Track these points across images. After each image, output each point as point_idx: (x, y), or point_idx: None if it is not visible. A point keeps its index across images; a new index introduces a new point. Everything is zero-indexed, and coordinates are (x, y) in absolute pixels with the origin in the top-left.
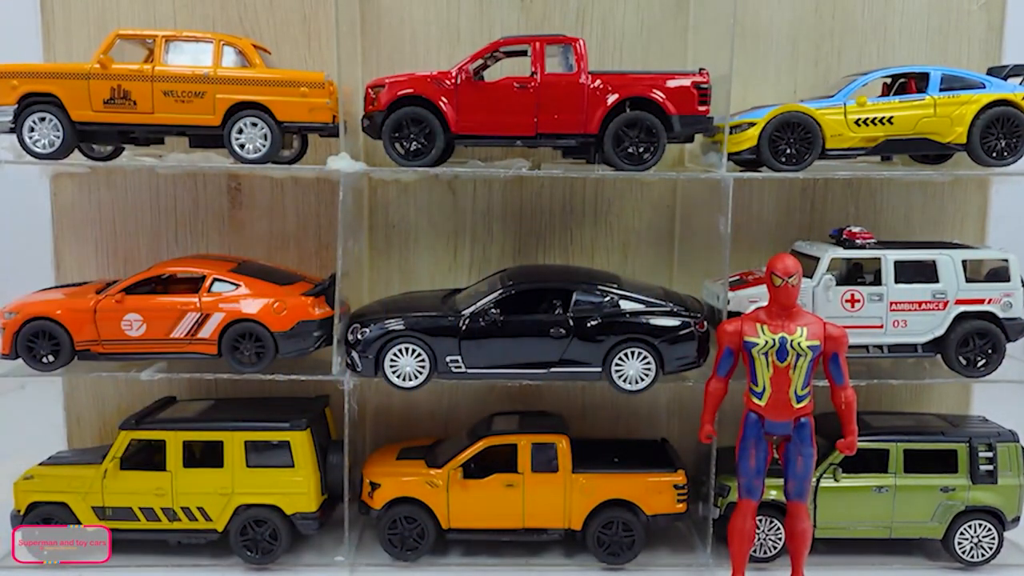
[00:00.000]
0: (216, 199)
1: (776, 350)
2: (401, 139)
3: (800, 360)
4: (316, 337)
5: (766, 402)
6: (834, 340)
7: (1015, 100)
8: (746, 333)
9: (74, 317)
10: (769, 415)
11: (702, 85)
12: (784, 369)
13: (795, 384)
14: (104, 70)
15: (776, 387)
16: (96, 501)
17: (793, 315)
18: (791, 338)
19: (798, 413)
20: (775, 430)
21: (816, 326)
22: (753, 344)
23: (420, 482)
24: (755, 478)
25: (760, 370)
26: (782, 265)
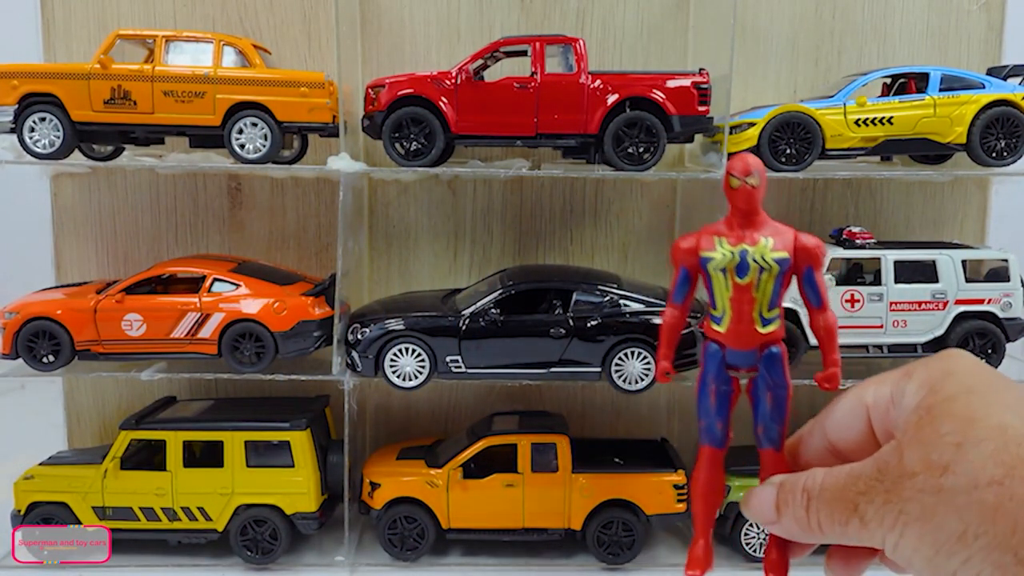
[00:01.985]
0: (216, 199)
1: (736, 265)
2: (401, 139)
3: (764, 275)
4: (316, 337)
5: (726, 328)
6: (807, 252)
7: (1015, 100)
8: (702, 248)
9: (74, 317)
10: (730, 343)
11: (702, 85)
12: (746, 287)
13: (759, 305)
14: (104, 70)
15: (737, 309)
16: (96, 501)
17: (757, 224)
18: (753, 250)
19: (764, 340)
20: (738, 361)
21: (785, 236)
22: (709, 259)
23: (420, 482)
24: (716, 419)
25: (718, 290)
26: (740, 163)
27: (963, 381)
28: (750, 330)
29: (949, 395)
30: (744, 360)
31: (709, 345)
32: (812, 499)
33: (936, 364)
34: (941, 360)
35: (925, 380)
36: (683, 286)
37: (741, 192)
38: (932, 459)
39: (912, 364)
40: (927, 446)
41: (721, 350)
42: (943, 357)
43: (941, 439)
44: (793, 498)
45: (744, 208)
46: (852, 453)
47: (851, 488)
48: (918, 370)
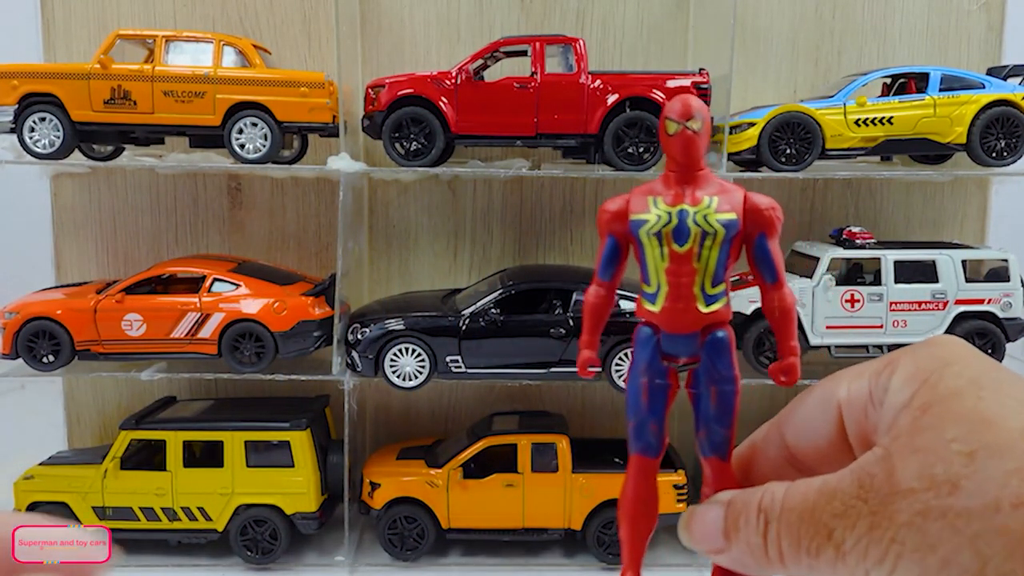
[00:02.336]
0: (216, 199)
1: (673, 229)
2: (401, 139)
3: (708, 242)
4: (316, 337)
5: (661, 307)
6: (759, 214)
7: (1015, 100)
8: (633, 210)
9: (74, 317)
10: (666, 326)
11: (702, 85)
12: (685, 256)
13: (702, 278)
14: (104, 70)
15: (674, 284)
16: (96, 501)
17: (699, 181)
18: (694, 211)
19: (708, 321)
20: (676, 348)
21: (733, 195)
22: (640, 223)
23: (420, 482)
24: (649, 419)
25: (652, 261)
26: (679, 104)
27: (965, 372)
28: (690, 309)
29: (951, 390)
30: (683, 347)
31: (641, 329)
32: (771, 522)
33: (926, 352)
34: (931, 347)
35: (915, 371)
36: (611, 259)
37: (679, 139)
38: (935, 473)
39: (895, 353)
40: (927, 455)
41: (655, 335)
42: (933, 344)
43: (946, 447)
44: (746, 520)
45: (683, 160)
46: (819, 464)
47: (824, 508)
48: (903, 359)
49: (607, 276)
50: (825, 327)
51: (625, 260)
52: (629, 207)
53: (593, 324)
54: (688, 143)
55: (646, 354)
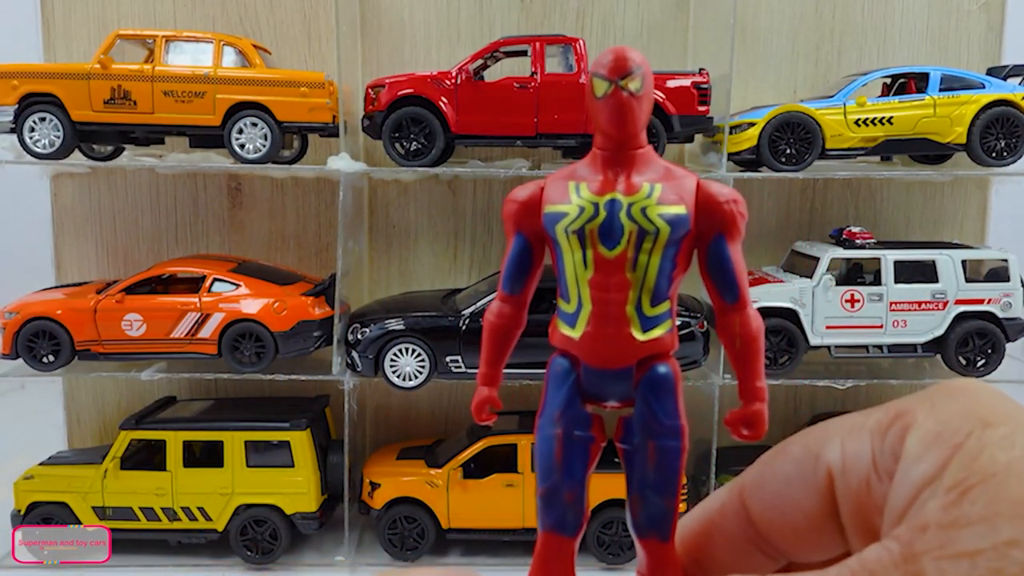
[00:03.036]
0: (216, 199)
1: (599, 225)
2: (401, 139)
3: (647, 244)
4: (316, 337)
5: (582, 332)
6: (715, 209)
7: (1015, 100)
8: (548, 199)
9: (74, 317)
10: (588, 357)
11: (702, 85)
12: (615, 263)
13: (638, 293)
14: (104, 70)
15: (600, 301)
16: (96, 501)
17: (637, 162)
18: (629, 201)
19: (645, 352)
20: (601, 388)
21: (683, 183)
22: (557, 216)
23: (420, 482)
24: (564, 485)
25: (571, 269)
26: (611, 58)
27: (1017, 438)
28: (621, 336)
29: (1000, 464)
30: (610, 387)
31: (555, 361)
32: None
33: (951, 404)
34: (956, 397)
35: (941, 432)
36: (520, 266)
37: (610, 104)
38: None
39: (904, 403)
40: (976, 567)
41: (574, 369)
42: (956, 392)
43: (1004, 554)
44: None
45: (615, 133)
46: (796, 547)
47: None
48: (919, 412)
49: (515, 288)
50: (825, 327)
51: (539, 267)
52: (543, 196)
53: (494, 353)
54: (622, 109)
55: (561, 396)
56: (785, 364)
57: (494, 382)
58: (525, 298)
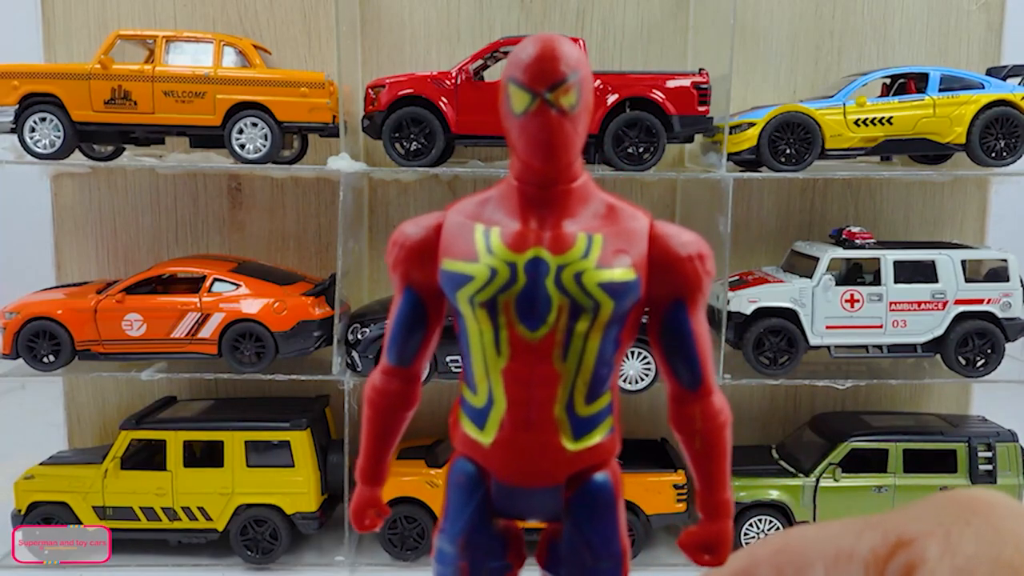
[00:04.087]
0: (216, 199)
1: (518, 294)
2: (401, 139)
3: (583, 323)
4: (316, 337)
5: (494, 437)
6: (675, 267)
7: (1014, 100)
8: (448, 249)
9: (75, 317)
10: (502, 471)
11: (702, 85)
12: (540, 348)
13: (569, 390)
14: (105, 70)
15: (519, 399)
16: (97, 501)
17: (568, 202)
18: (558, 262)
19: (579, 465)
20: (518, 507)
21: (631, 229)
22: (460, 279)
23: (420, 482)
24: None
25: (479, 351)
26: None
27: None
28: (547, 446)
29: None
30: (530, 506)
31: (458, 465)
32: None
33: (969, 541)
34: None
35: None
36: (408, 329)
37: (536, 124)
38: None
39: (904, 526)
40: None
41: (483, 480)
42: (971, 517)
43: None
44: None
45: (542, 165)
46: None
47: None
48: (930, 546)
49: (403, 358)
50: (825, 327)
51: (436, 329)
52: (440, 241)
53: (378, 440)
54: (550, 133)
55: (467, 516)
56: (785, 364)
57: (378, 479)
58: (417, 370)
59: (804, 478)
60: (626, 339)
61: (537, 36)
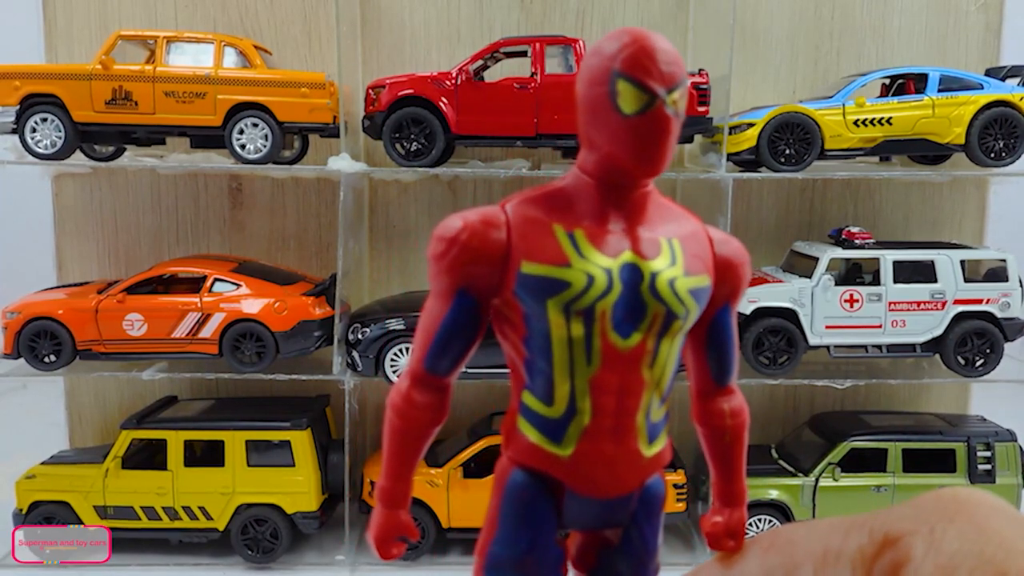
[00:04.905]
0: (217, 199)
1: (615, 302)
2: (401, 139)
3: (673, 330)
4: (317, 337)
5: (574, 449)
6: (734, 274)
7: (1013, 101)
8: (527, 251)
9: (76, 317)
10: (582, 483)
11: (701, 86)
12: (631, 357)
13: (651, 395)
14: (106, 71)
15: (606, 407)
16: (98, 500)
17: (645, 205)
18: (651, 268)
19: (651, 471)
20: (589, 519)
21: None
22: (554, 285)
23: (420, 481)
24: None
25: (561, 360)
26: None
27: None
28: (629, 454)
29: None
30: (604, 516)
31: (516, 478)
32: None
33: (953, 540)
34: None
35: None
36: (458, 337)
37: (651, 125)
38: None
39: (890, 524)
40: None
41: (551, 494)
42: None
43: None
44: None
45: (644, 168)
46: None
47: None
48: (915, 545)
49: (442, 367)
50: (824, 327)
51: (481, 336)
52: (512, 242)
53: (402, 457)
54: (664, 136)
55: (531, 534)
56: (784, 364)
57: (403, 501)
58: (451, 381)
59: (803, 478)
60: (683, 347)
61: (641, 32)
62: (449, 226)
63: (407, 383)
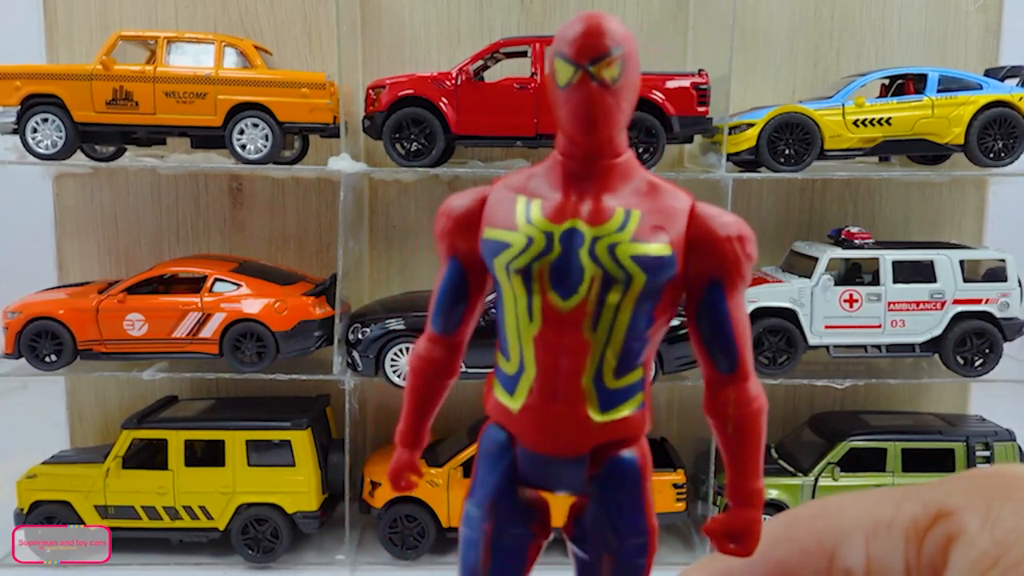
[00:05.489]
0: (217, 199)
1: (551, 264)
2: (402, 139)
3: (613, 295)
4: (317, 337)
5: (523, 403)
6: (714, 248)
7: (1012, 101)
8: (489, 218)
9: (77, 317)
10: (529, 439)
11: (701, 86)
12: (570, 317)
13: (598, 360)
14: (106, 71)
15: (548, 366)
16: (99, 500)
17: (610, 177)
18: (594, 234)
19: (604, 438)
20: (543, 477)
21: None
22: (498, 247)
23: (421, 481)
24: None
25: (512, 318)
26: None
27: None
28: (573, 416)
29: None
30: (555, 477)
31: (490, 432)
32: None
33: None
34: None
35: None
36: (453, 297)
37: (577, 97)
38: None
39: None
40: None
41: (511, 447)
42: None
43: None
44: None
45: (582, 138)
46: None
47: None
48: (970, 519)
49: (447, 326)
50: (824, 327)
51: (479, 300)
52: (484, 212)
53: (418, 407)
54: (591, 106)
55: (493, 480)
56: (784, 364)
57: (417, 443)
58: (460, 339)
59: (803, 477)
60: (660, 315)
61: (584, 12)
62: (444, 203)
63: (422, 342)
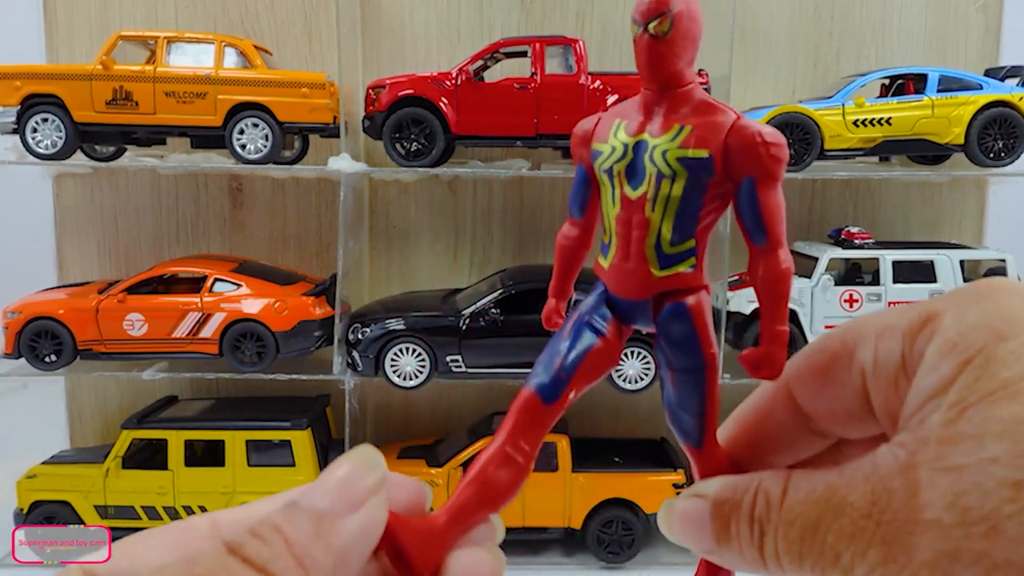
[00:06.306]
0: (217, 199)
1: (626, 166)
2: (402, 139)
3: (665, 186)
4: (317, 337)
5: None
6: (745, 151)
7: (1012, 101)
8: (596, 136)
9: (76, 317)
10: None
11: (701, 86)
12: (637, 203)
13: (656, 232)
14: (106, 71)
15: (624, 236)
16: (99, 500)
17: (677, 101)
18: (654, 144)
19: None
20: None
21: (715, 123)
22: (596, 155)
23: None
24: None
25: (605, 205)
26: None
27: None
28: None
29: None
30: (633, 316)
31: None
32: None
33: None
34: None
35: (958, 342)
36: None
37: (639, 47)
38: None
39: (939, 301)
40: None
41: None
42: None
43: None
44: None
45: (647, 77)
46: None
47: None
48: (946, 317)
49: (577, 212)
50: (824, 327)
51: (595, 198)
52: (595, 130)
53: (561, 269)
54: (648, 53)
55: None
56: None
57: (563, 295)
58: (590, 222)
59: None
60: (709, 203)
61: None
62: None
63: (564, 226)
